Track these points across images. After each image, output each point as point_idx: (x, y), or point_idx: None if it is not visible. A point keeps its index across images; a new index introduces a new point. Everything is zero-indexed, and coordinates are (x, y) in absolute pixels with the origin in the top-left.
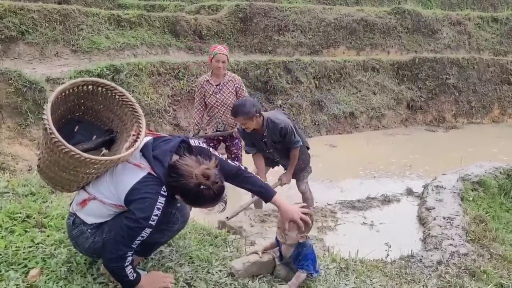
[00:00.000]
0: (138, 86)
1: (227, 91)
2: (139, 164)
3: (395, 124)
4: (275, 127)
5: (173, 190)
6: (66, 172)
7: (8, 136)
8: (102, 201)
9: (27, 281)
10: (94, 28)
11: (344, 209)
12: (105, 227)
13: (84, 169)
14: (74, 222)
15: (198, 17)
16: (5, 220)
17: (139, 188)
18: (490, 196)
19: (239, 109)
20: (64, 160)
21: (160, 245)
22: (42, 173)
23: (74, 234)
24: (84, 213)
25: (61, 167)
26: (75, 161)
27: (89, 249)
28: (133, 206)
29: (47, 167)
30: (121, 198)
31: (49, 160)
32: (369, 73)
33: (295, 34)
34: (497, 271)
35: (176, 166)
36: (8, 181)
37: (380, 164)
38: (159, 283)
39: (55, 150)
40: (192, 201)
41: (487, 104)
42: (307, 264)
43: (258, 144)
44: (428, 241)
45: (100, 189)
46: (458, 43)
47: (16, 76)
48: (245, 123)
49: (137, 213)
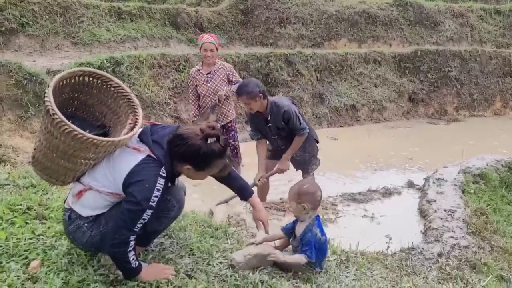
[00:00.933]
0: (139, 79)
1: (218, 79)
2: (138, 147)
3: (397, 116)
4: (278, 111)
5: (180, 159)
6: (65, 159)
7: (8, 129)
8: (98, 190)
9: (28, 273)
10: (94, 21)
11: (345, 202)
12: (101, 220)
13: (84, 153)
14: (70, 217)
15: (199, 9)
16: (5, 212)
17: (138, 170)
18: (492, 188)
19: (243, 88)
20: (65, 144)
21: (158, 233)
22: (37, 164)
23: (71, 230)
24: (80, 205)
25: (59, 153)
26: (76, 143)
27: (87, 244)
28: (132, 189)
29: (44, 155)
30: (119, 183)
31: (47, 147)
32: (371, 65)
33: (296, 27)
34: (498, 263)
35: (178, 133)
36: (8, 173)
37: (381, 156)
38: (160, 274)
39: (56, 133)
40: (203, 160)
41: (489, 96)
42: (309, 250)
43: (263, 129)
44: (428, 234)
45: (96, 177)
46: (460, 35)
47: (16, 69)
48: (249, 103)
49: (137, 195)
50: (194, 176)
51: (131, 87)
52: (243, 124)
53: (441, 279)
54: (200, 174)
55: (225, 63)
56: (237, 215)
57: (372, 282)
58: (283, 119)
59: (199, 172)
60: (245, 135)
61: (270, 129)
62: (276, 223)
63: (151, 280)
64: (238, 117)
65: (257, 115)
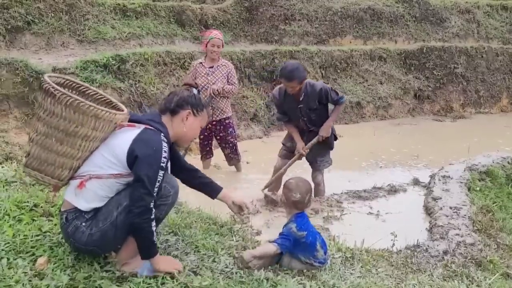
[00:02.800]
0: (144, 76)
1: (219, 74)
2: (133, 124)
3: (402, 114)
4: (313, 91)
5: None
6: (64, 143)
7: (15, 126)
8: (99, 176)
9: (35, 269)
10: (99, 18)
11: (350, 199)
12: (99, 216)
13: (84, 129)
14: (67, 219)
15: (203, 7)
16: (13, 209)
17: (141, 138)
18: (498, 186)
19: (295, 73)
20: (66, 120)
21: (160, 221)
22: (32, 162)
23: (70, 232)
24: (83, 198)
25: (59, 135)
26: (78, 115)
27: (88, 243)
28: (140, 153)
29: (41, 146)
30: (122, 158)
31: (45, 133)
32: (376, 62)
33: (301, 23)
34: (504, 261)
35: (168, 95)
36: (15, 170)
37: (386, 154)
38: (170, 266)
39: (57, 110)
40: (197, 104)
41: (496, 93)
42: (279, 239)
43: (292, 112)
44: (434, 231)
45: (94, 163)
46: (466, 32)
47: (22, 66)
48: (296, 87)
49: (147, 159)
50: (192, 126)
51: (136, 84)
52: (248, 122)
53: (446, 277)
54: (197, 122)
55: (228, 62)
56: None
57: (377, 279)
58: (319, 98)
59: (196, 118)
60: (250, 132)
61: (301, 110)
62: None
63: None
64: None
65: (288, 98)
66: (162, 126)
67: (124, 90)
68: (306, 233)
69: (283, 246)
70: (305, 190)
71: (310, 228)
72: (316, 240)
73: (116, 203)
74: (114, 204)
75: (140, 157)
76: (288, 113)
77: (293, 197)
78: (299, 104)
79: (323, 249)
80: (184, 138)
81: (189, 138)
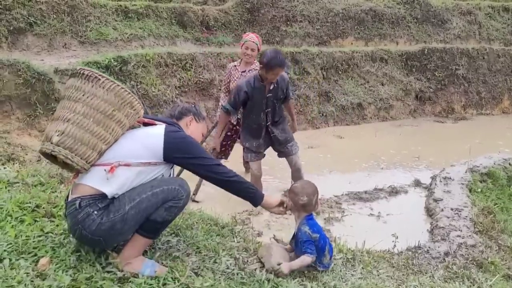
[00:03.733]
0: (146, 77)
1: None
2: (153, 122)
3: (404, 115)
4: (282, 80)
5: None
6: (100, 124)
7: (17, 127)
8: (127, 163)
9: (37, 270)
10: (101, 20)
11: (351, 200)
12: (111, 208)
13: (120, 114)
14: (80, 205)
15: (205, 8)
16: (15, 210)
17: (172, 129)
18: (499, 187)
19: (279, 59)
20: (107, 102)
21: (168, 224)
22: (65, 140)
23: (80, 218)
24: (114, 183)
25: (98, 116)
26: (118, 99)
27: (96, 232)
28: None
29: (77, 125)
30: (157, 148)
31: (84, 113)
32: (378, 63)
33: (302, 25)
34: (505, 263)
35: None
36: (17, 171)
37: (387, 155)
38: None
39: (100, 93)
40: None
41: (497, 95)
42: (307, 247)
43: (257, 104)
44: (435, 232)
45: (120, 151)
46: (468, 33)
47: (24, 68)
48: (278, 74)
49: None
50: (195, 131)
51: (138, 85)
52: None
53: (447, 278)
54: (199, 128)
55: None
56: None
57: (378, 280)
58: (286, 87)
59: (199, 124)
60: None
61: (268, 100)
62: (282, 222)
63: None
64: None
65: (257, 88)
66: (177, 124)
67: None
68: (319, 235)
69: (313, 252)
70: (311, 191)
71: (321, 231)
72: (326, 245)
73: (130, 198)
74: (128, 199)
75: (182, 139)
76: (253, 106)
77: (300, 201)
78: (268, 94)
79: (330, 254)
80: None
81: None
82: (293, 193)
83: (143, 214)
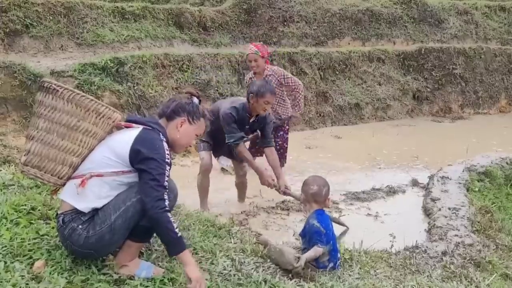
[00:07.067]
0: (143, 79)
1: None
2: (130, 125)
3: (401, 115)
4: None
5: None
6: (65, 137)
7: (13, 129)
8: (100, 174)
9: (32, 272)
10: (98, 21)
11: (349, 200)
12: (97, 220)
13: (85, 124)
14: (63, 221)
15: (202, 9)
16: (10, 212)
17: (143, 136)
18: (496, 186)
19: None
20: (68, 115)
21: None
22: (31, 159)
23: (66, 234)
24: (84, 197)
25: (61, 130)
26: (80, 109)
27: (85, 245)
28: (144, 150)
29: (42, 142)
30: (124, 156)
31: (47, 129)
32: (375, 63)
33: (300, 25)
34: (503, 262)
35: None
36: (13, 173)
37: (385, 155)
38: (202, 279)
39: (60, 105)
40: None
41: (494, 94)
42: (316, 239)
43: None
44: (433, 232)
45: (94, 161)
46: (465, 33)
47: (20, 69)
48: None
49: (152, 154)
50: (186, 133)
51: (135, 87)
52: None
53: (445, 278)
54: (191, 130)
55: (274, 68)
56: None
57: (376, 280)
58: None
59: (191, 126)
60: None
61: (252, 126)
62: (280, 222)
63: (195, 273)
64: None
65: (243, 116)
66: (160, 127)
67: (122, 93)
68: (326, 232)
69: (322, 243)
70: (322, 183)
71: (328, 229)
72: (328, 245)
73: (114, 207)
74: (113, 208)
75: (145, 153)
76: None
77: (310, 190)
78: (247, 125)
79: (331, 255)
80: (177, 143)
81: (182, 144)
82: (305, 185)
83: (130, 222)
